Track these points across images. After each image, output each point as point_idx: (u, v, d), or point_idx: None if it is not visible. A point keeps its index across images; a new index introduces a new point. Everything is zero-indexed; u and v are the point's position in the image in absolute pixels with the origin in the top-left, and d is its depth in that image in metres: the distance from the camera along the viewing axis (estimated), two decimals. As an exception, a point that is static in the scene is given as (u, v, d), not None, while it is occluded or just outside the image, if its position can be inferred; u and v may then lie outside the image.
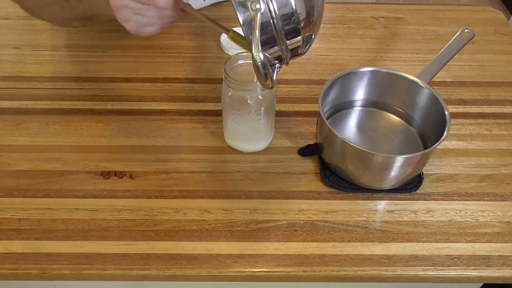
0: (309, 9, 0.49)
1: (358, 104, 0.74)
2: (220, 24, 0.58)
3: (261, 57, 0.48)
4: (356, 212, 0.63)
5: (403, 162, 0.60)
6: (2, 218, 0.61)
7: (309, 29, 0.51)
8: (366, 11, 1.00)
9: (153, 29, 0.58)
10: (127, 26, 0.57)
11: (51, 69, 0.83)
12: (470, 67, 0.87)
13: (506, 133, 0.74)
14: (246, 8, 0.47)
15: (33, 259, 0.57)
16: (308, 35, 0.52)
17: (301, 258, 0.58)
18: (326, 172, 0.67)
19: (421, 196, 0.65)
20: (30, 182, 0.65)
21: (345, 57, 0.88)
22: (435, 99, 0.66)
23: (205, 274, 0.57)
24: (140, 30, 0.57)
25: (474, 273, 0.58)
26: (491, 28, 0.97)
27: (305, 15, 0.49)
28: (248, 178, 0.67)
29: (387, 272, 0.58)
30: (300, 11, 0.49)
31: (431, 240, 0.60)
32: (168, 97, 0.78)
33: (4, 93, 0.78)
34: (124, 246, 0.59)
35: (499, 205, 0.65)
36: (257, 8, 0.47)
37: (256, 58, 0.47)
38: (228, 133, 0.69)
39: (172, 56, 0.86)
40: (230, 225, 0.61)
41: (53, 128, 0.73)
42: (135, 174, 0.66)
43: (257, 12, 0.47)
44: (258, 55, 0.47)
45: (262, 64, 0.48)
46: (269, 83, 0.51)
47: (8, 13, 0.95)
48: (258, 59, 0.47)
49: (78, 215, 0.62)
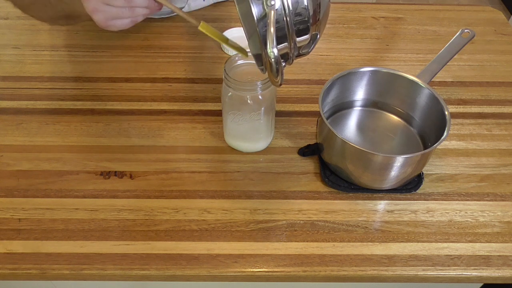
0: (316, 7, 0.50)
1: (358, 104, 0.74)
2: (191, 16, 0.58)
3: (275, 53, 0.47)
4: (356, 212, 0.63)
5: (403, 162, 0.60)
6: (2, 218, 0.61)
7: (316, 28, 0.51)
8: (366, 11, 1.00)
9: (123, 22, 0.57)
10: (95, 17, 0.55)
11: (51, 69, 0.83)
12: (470, 67, 0.87)
13: (506, 133, 0.74)
14: (261, 5, 0.48)
15: (33, 259, 0.57)
16: (314, 34, 0.52)
17: (301, 258, 0.58)
18: (326, 172, 0.67)
19: (421, 196, 0.65)
20: (30, 182, 0.65)
21: (345, 57, 0.88)
22: (435, 99, 0.66)
23: (205, 274, 0.57)
24: (109, 23, 0.56)
25: (474, 273, 0.58)
26: (491, 28, 0.97)
27: (313, 13, 0.49)
28: (248, 178, 0.67)
29: (387, 272, 0.58)
30: (310, 9, 0.49)
31: (431, 240, 0.60)
32: (168, 97, 0.78)
33: (4, 93, 0.78)
34: (124, 246, 0.59)
35: (499, 205, 0.65)
36: (272, 5, 0.47)
37: (270, 54, 0.47)
38: (228, 133, 0.69)
39: (172, 56, 0.86)
40: (230, 225, 0.61)
41: (53, 128, 0.73)
42: (135, 174, 0.66)
43: (271, 9, 0.47)
44: (273, 51, 0.47)
45: (276, 60, 0.48)
46: (279, 80, 0.51)
47: (8, 13, 0.95)
48: (272, 55, 0.47)
49: (78, 215, 0.62)
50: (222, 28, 0.88)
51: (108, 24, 0.56)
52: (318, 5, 0.50)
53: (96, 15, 0.55)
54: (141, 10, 0.56)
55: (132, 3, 0.55)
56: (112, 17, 0.56)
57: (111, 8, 0.55)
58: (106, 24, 0.56)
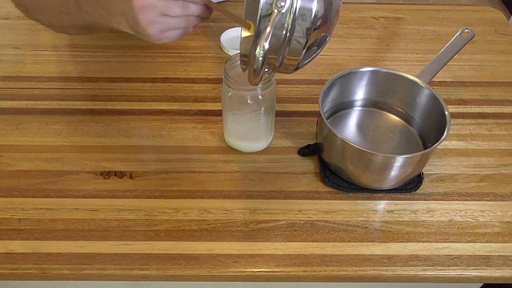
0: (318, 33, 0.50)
1: (358, 104, 0.74)
2: (242, 19, 0.55)
3: (266, 49, 0.47)
4: (356, 212, 0.63)
5: (403, 162, 0.60)
6: (2, 218, 0.61)
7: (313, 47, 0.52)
8: (366, 11, 1.00)
9: (177, 33, 0.54)
10: (150, 30, 0.52)
11: (51, 69, 0.83)
12: (470, 67, 0.87)
13: (506, 133, 0.74)
14: (271, 2, 0.48)
15: (33, 259, 0.57)
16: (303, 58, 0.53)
17: (301, 258, 0.58)
18: (326, 172, 0.67)
19: (421, 196, 0.65)
20: (30, 182, 0.65)
21: (345, 57, 0.88)
22: (435, 99, 0.66)
23: (205, 274, 0.57)
24: (163, 35, 0.53)
25: (474, 273, 0.58)
26: (491, 28, 0.97)
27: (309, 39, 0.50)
28: (248, 178, 0.67)
29: (387, 272, 0.58)
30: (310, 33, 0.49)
31: (431, 240, 0.60)
32: (168, 97, 0.78)
33: (4, 93, 0.78)
34: (124, 246, 0.59)
35: (499, 205, 0.65)
36: (281, 6, 0.47)
37: (258, 53, 0.47)
38: (228, 133, 0.69)
39: (172, 56, 0.86)
40: (230, 225, 0.61)
41: (53, 128, 0.73)
42: (135, 174, 0.66)
43: (278, 11, 0.47)
44: (264, 45, 0.47)
45: (263, 59, 0.48)
46: (257, 81, 0.51)
47: (8, 13, 0.95)
48: (261, 54, 0.47)
49: (78, 215, 0.62)
50: (222, 28, 0.88)
51: (162, 36, 0.53)
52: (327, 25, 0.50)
53: (152, 28, 0.51)
54: (195, 19, 0.54)
55: (188, 12, 0.52)
56: (168, 28, 0.52)
57: (167, 18, 0.51)
58: (161, 36, 0.53)
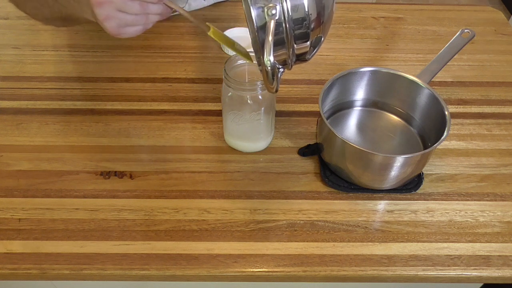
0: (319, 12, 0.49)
1: (358, 104, 0.74)
2: (201, 21, 0.58)
3: (272, 61, 0.48)
4: (356, 212, 0.63)
5: (403, 162, 0.60)
6: (2, 218, 0.61)
7: (318, 32, 0.51)
8: (366, 11, 1.00)
9: (135, 29, 0.55)
10: (107, 24, 0.53)
11: (51, 69, 0.83)
12: (470, 67, 0.87)
13: (506, 133, 0.74)
14: (262, 13, 0.48)
15: (33, 259, 0.57)
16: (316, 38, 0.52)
17: (301, 258, 0.58)
18: (326, 172, 0.67)
19: (421, 196, 0.65)
20: (30, 182, 0.65)
21: (345, 57, 0.88)
22: (435, 99, 0.66)
23: (205, 274, 0.57)
24: (122, 31, 0.54)
25: (474, 273, 0.58)
26: (491, 28, 0.97)
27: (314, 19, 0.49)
28: (248, 178, 0.67)
29: (387, 272, 0.58)
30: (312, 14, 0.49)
31: (431, 240, 0.60)
32: (168, 97, 0.78)
33: (4, 93, 0.78)
34: (124, 246, 0.59)
35: (499, 205, 0.65)
36: (273, 14, 0.47)
37: (266, 63, 0.48)
38: (228, 133, 0.69)
39: (172, 56, 0.86)
40: (230, 225, 0.61)
41: (53, 128, 0.73)
42: (135, 174, 0.66)
43: (272, 18, 0.47)
44: (269, 59, 0.47)
45: (272, 69, 0.48)
46: (275, 87, 0.51)
47: (8, 13, 0.95)
48: (268, 64, 0.48)
49: (78, 215, 0.62)
50: (222, 28, 0.88)
51: (120, 31, 0.54)
52: (322, 9, 0.50)
53: (109, 23, 0.52)
54: (154, 17, 0.55)
55: (147, 10, 0.53)
56: (126, 24, 0.53)
57: (125, 15, 0.52)
58: (118, 32, 0.54)
